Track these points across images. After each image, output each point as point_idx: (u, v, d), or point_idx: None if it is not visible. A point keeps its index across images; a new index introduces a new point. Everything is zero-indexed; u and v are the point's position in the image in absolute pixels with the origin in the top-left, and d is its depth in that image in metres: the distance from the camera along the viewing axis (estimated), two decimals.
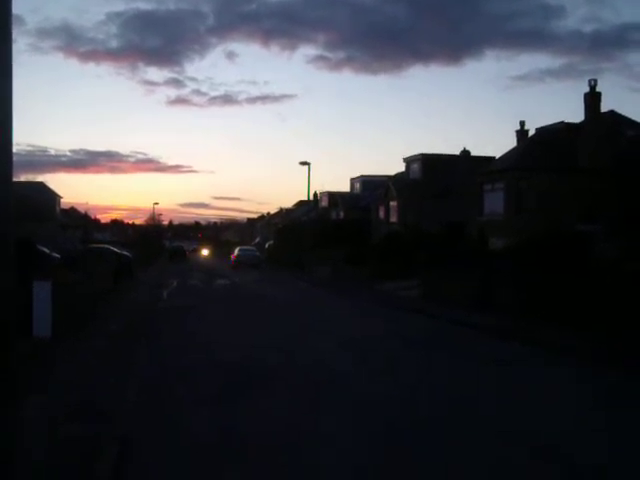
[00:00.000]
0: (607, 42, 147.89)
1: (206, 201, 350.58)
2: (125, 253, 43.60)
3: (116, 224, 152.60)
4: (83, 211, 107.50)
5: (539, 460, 7.30)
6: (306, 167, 52.60)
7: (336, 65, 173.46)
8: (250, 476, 6.79)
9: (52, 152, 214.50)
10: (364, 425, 8.61)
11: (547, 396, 10.59)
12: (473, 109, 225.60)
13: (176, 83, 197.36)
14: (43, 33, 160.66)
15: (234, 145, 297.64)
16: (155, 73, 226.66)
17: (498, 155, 43.51)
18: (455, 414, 9.23)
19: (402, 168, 60.26)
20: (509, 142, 45.46)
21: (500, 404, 9.96)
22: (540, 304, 19.44)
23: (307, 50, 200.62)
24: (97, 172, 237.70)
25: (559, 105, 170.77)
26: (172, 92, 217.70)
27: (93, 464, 6.77)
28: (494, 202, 38.45)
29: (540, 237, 22.50)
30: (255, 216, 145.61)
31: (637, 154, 37.25)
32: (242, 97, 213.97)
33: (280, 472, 6.91)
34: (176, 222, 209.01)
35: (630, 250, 22.75)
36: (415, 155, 56.43)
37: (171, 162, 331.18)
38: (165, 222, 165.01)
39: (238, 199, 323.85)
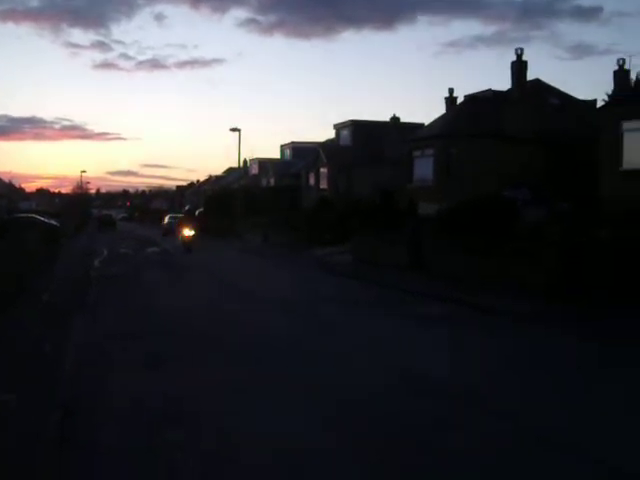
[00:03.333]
0: (536, 10, 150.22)
1: (134, 169, 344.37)
2: (52, 222, 42.82)
3: (42, 193, 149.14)
4: (7, 180, 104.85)
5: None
6: (236, 134, 52.35)
7: (267, 29, 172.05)
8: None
9: None
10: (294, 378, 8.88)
11: (445, 344, 11.09)
12: (405, 75, 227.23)
13: (102, 46, 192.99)
14: None
15: (163, 111, 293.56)
16: (79, 35, 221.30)
17: (428, 122, 44.06)
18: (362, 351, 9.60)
19: (333, 135, 60.47)
20: (439, 109, 46.36)
21: (387, 341, 10.34)
22: (470, 268, 19.95)
23: (238, 13, 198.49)
24: (20, 139, 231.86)
25: (489, 72, 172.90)
26: (98, 56, 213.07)
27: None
28: (424, 169, 39.00)
29: (468, 202, 22.97)
30: (184, 184, 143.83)
31: (561, 122, 38.20)
32: (171, 61, 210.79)
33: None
34: (104, 190, 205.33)
35: (552, 214, 23.50)
36: (345, 122, 56.65)
37: (98, 129, 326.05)
38: (93, 191, 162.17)
39: (167, 167, 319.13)
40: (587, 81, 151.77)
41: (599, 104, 39.01)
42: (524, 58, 37.37)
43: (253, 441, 6.69)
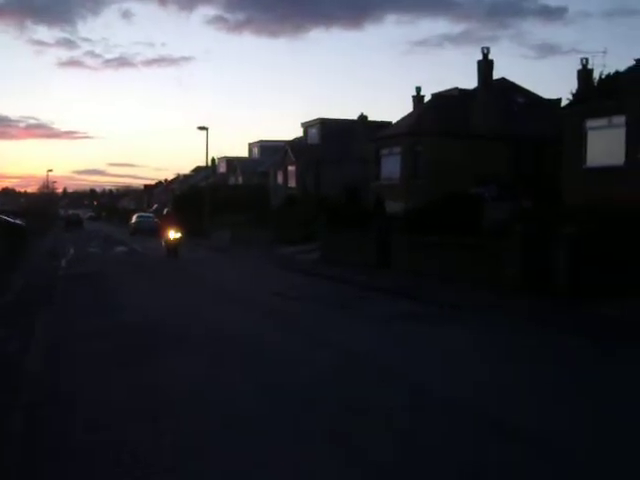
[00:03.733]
0: (503, 10, 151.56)
1: (101, 168, 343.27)
2: (18, 222, 42.40)
3: (7, 193, 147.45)
4: None
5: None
6: (204, 132, 52.18)
7: (235, 27, 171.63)
8: None
9: None
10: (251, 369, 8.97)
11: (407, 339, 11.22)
12: (373, 74, 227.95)
13: (68, 44, 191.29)
14: None
15: (130, 110, 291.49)
16: (45, 32, 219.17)
17: (396, 120, 44.28)
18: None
19: (301, 133, 60.54)
20: (407, 107, 46.55)
21: (350, 337, 10.46)
22: (435, 265, 20.14)
23: (206, 10, 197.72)
24: None
25: (457, 71, 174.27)
26: (64, 53, 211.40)
27: None
28: (391, 167, 39.23)
29: (435, 200, 23.19)
30: (152, 183, 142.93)
31: (527, 120, 38.64)
32: (138, 59, 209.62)
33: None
34: (71, 190, 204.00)
35: (517, 212, 23.79)
36: (313, 120, 56.76)
37: (64, 128, 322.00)
38: (59, 190, 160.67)
39: (134, 165, 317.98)
40: (552, 80, 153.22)
41: (564, 103, 39.49)
42: (490, 57, 37.80)
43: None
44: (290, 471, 5.72)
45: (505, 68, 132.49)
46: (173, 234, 31.95)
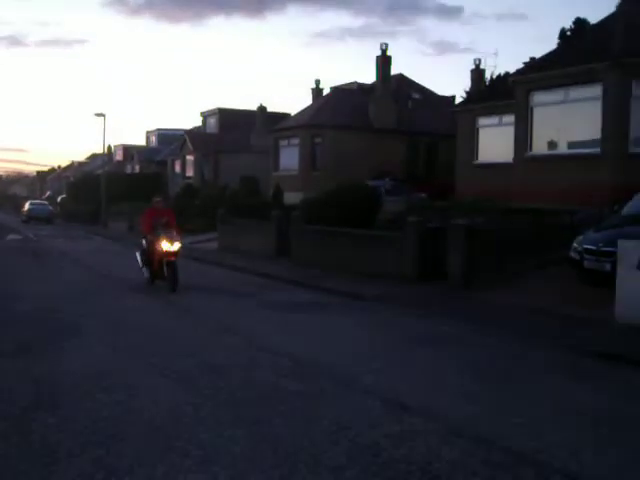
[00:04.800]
0: (403, 6, 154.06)
1: None
2: None
3: None
4: None
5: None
6: (101, 119, 51.22)
7: (135, 10, 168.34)
8: None
9: None
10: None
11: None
12: (273, 65, 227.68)
13: None
14: None
15: (22, 92, 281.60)
16: None
17: (295, 112, 44.73)
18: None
19: (199, 122, 60.26)
20: (307, 99, 47.05)
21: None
22: (332, 255, 20.61)
23: None
24: None
25: (357, 65, 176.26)
26: None
27: None
28: (289, 158, 39.72)
29: (332, 191, 23.65)
30: (45, 169, 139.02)
31: (423, 116, 39.78)
32: (31, 39, 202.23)
33: None
34: None
35: (412, 204, 24.61)
36: (212, 109, 56.65)
37: None
38: None
39: (25, 151, 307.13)
40: (449, 77, 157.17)
41: (458, 100, 40.85)
42: (389, 53, 38.63)
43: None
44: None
45: (404, 64, 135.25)
46: (169, 244, 16.13)
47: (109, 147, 76.49)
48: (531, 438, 6.27)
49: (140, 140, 79.71)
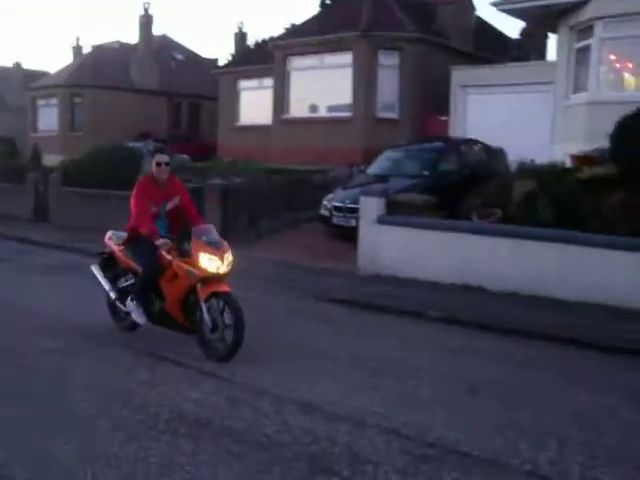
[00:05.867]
0: None
1: None
2: None
3: None
4: None
5: None
6: None
7: None
8: None
9: None
10: None
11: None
12: (31, 18, 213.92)
13: None
14: None
15: None
16: None
17: (54, 70, 42.98)
18: None
19: None
20: (68, 58, 44.92)
21: None
22: (92, 218, 20.34)
23: None
24: None
25: (122, 23, 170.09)
26: None
27: None
28: (49, 118, 38.28)
29: (93, 152, 23.21)
30: None
31: (187, 77, 39.77)
32: None
33: None
34: None
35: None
36: None
37: None
38: None
39: None
40: (216, 40, 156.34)
41: (222, 63, 41.15)
42: (151, 12, 38.18)
43: None
44: None
45: (169, 25, 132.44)
46: (216, 259, 7.96)
47: None
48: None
49: None
